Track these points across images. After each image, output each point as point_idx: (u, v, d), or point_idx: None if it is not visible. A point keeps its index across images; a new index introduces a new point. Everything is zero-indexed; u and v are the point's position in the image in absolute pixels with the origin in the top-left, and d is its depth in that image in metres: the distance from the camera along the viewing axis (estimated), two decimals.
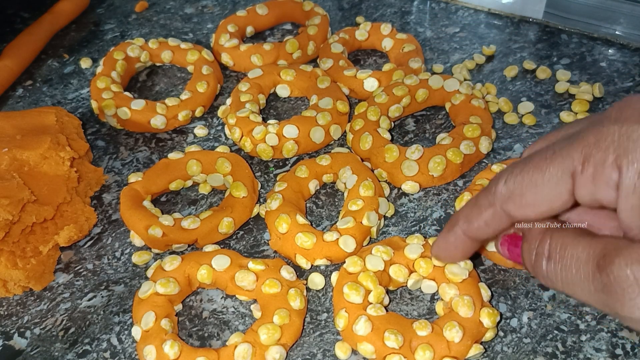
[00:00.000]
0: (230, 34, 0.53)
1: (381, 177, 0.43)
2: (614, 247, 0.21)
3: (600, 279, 0.21)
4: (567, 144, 0.22)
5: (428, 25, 0.57)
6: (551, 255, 0.24)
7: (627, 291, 0.20)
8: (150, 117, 0.47)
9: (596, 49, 0.52)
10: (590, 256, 0.22)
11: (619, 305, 0.21)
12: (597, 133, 0.21)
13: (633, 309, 0.20)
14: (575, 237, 0.23)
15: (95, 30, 0.61)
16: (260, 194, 0.43)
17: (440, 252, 0.30)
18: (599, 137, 0.21)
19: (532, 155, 0.24)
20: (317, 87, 0.47)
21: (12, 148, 0.40)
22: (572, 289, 0.23)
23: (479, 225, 0.26)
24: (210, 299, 0.38)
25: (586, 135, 0.22)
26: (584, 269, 0.22)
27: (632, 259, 0.20)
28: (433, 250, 0.31)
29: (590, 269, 0.22)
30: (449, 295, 0.34)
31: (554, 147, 0.23)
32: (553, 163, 0.22)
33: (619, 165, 0.21)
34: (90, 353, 0.35)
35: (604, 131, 0.21)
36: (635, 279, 0.20)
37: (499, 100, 0.48)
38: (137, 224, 0.39)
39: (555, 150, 0.23)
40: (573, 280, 0.23)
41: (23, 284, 0.38)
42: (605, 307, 0.22)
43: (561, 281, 0.23)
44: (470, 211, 0.27)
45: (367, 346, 0.32)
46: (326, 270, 0.38)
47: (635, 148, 0.20)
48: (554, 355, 0.33)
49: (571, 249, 0.23)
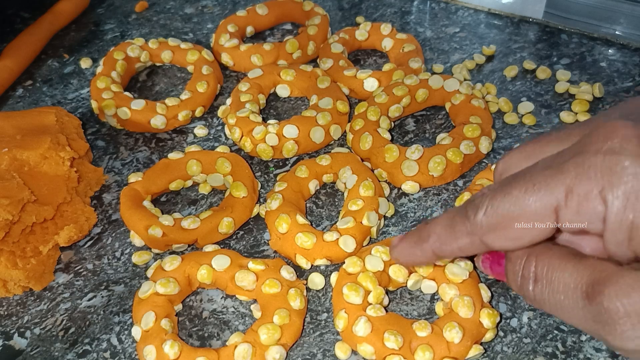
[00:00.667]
0: (230, 34, 0.53)
1: (381, 177, 0.43)
2: (603, 274, 0.21)
3: (590, 309, 0.21)
4: (549, 175, 0.21)
5: (428, 25, 0.57)
6: (538, 279, 0.23)
7: (618, 323, 0.20)
8: (150, 117, 0.47)
9: (596, 49, 0.52)
10: (578, 283, 0.22)
11: (611, 337, 0.21)
12: (579, 165, 0.21)
13: (626, 342, 0.20)
14: (561, 260, 0.23)
15: (95, 30, 0.61)
16: (260, 194, 0.43)
17: (401, 258, 0.29)
18: (580, 170, 0.21)
19: (511, 183, 0.23)
20: (317, 87, 0.47)
21: (12, 148, 0.40)
22: (562, 314, 0.22)
23: (452, 249, 0.26)
24: (210, 299, 0.38)
25: (568, 167, 0.21)
26: (573, 296, 0.22)
27: (621, 291, 0.20)
28: (394, 253, 0.29)
29: (579, 297, 0.21)
30: (449, 295, 0.34)
31: (533, 178, 0.22)
32: (535, 196, 0.22)
33: (603, 197, 0.20)
34: (90, 353, 0.35)
35: (587, 163, 0.21)
36: (626, 312, 0.20)
37: (499, 100, 0.48)
38: (137, 224, 0.39)
39: (536, 182, 0.22)
40: (562, 306, 0.22)
41: (23, 284, 0.38)
42: (596, 335, 0.21)
43: (549, 305, 0.23)
44: (445, 233, 0.25)
45: (367, 347, 0.32)
46: (326, 270, 0.38)
47: (620, 181, 0.20)
48: (554, 355, 0.33)
49: (558, 274, 0.22)
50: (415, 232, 0.28)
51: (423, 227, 0.27)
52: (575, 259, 0.22)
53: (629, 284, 0.20)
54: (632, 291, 0.20)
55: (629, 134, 0.20)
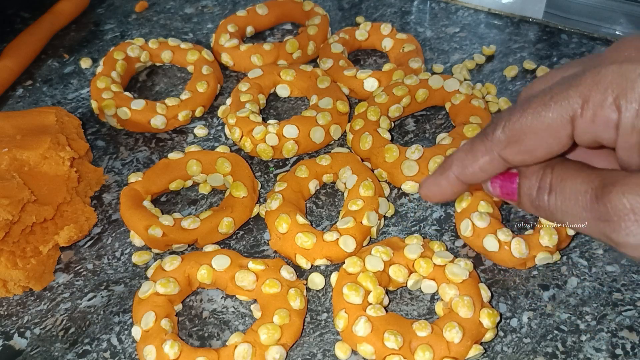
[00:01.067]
0: (230, 34, 0.53)
1: (381, 177, 0.43)
2: (612, 178, 0.22)
3: (598, 208, 0.22)
4: (565, 87, 0.22)
5: (428, 25, 0.57)
6: (552, 189, 0.24)
7: (622, 219, 0.21)
8: (150, 117, 0.47)
9: (596, 49, 0.52)
10: (589, 187, 0.23)
11: (614, 233, 0.21)
12: (594, 75, 0.21)
13: (628, 237, 0.21)
14: (575, 170, 0.23)
15: (95, 30, 0.61)
16: (260, 194, 0.43)
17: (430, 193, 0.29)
18: (597, 79, 0.21)
19: (530, 100, 0.23)
20: (317, 87, 0.47)
21: (12, 148, 0.40)
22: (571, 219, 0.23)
23: (474, 170, 0.26)
24: (210, 299, 0.38)
25: (584, 78, 0.22)
26: (583, 200, 0.23)
27: (628, 188, 0.21)
28: (422, 190, 0.29)
29: (589, 199, 0.22)
30: (449, 295, 0.34)
31: (551, 91, 0.23)
32: (552, 108, 0.22)
33: (617, 105, 0.21)
34: (90, 353, 0.35)
35: (602, 72, 0.21)
36: (631, 207, 0.21)
37: (499, 100, 0.48)
38: (137, 224, 0.39)
39: (553, 94, 0.22)
40: (572, 211, 0.23)
41: (23, 284, 0.38)
42: (601, 235, 0.22)
43: (561, 212, 0.24)
44: (465, 156, 0.26)
45: (367, 347, 0.32)
46: (326, 270, 0.38)
47: (633, 87, 0.20)
48: (554, 355, 0.33)
49: (571, 181, 0.23)
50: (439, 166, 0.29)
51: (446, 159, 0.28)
52: (588, 169, 0.23)
53: (636, 183, 0.21)
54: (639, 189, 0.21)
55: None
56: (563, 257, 0.38)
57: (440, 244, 0.36)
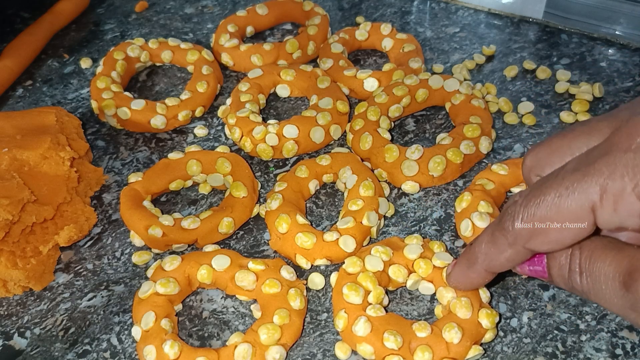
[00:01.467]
0: (230, 34, 0.53)
1: (381, 177, 0.43)
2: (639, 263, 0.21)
3: (628, 297, 0.21)
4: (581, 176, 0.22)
5: (428, 25, 0.57)
6: (582, 270, 0.24)
7: None
8: (150, 117, 0.47)
9: (596, 49, 0.52)
10: (616, 272, 0.22)
11: None
12: (610, 164, 0.21)
13: None
14: (603, 251, 0.23)
15: (95, 30, 0.61)
16: (260, 194, 0.43)
17: (460, 285, 0.31)
18: (613, 169, 0.21)
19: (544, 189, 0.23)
20: (317, 87, 0.47)
21: (12, 148, 0.40)
22: (604, 303, 0.23)
23: (501, 263, 0.26)
24: (210, 299, 0.38)
25: (600, 166, 0.21)
26: (612, 285, 0.22)
27: None
28: (451, 281, 0.31)
29: (618, 286, 0.22)
30: (446, 298, 0.34)
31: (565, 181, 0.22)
32: (570, 198, 0.22)
33: (637, 194, 0.21)
34: (90, 353, 0.35)
35: (618, 161, 0.21)
36: None
37: (499, 100, 0.48)
38: (137, 224, 0.39)
39: (569, 184, 0.22)
40: (605, 296, 0.23)
41: (23, 284, 0.38)
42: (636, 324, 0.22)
43: (593, 295, 0.23)
44: (489, 250, 0.26)
45: (367, 347, 0.32)
46: (326, 270, 0.38)
47: None
48: (554, 355, 0.33)
49: (599, 264, 0.23)
50: (463, 257, 0.29)
51: (469, 250, 0.28)
52: (615, 249, 0.23)
53: None
54: None
55: None
56: None
57: (440, 244, 0.36)
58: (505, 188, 0.40)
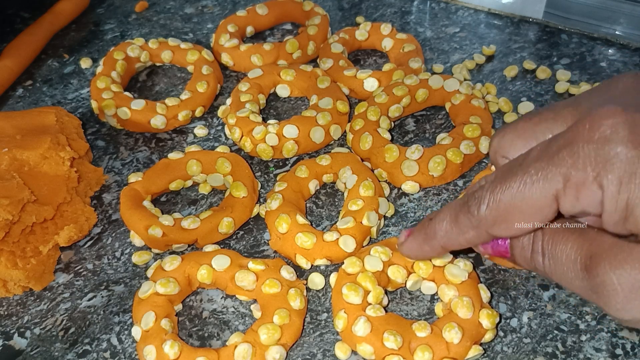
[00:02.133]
0: (230, 34, 0.53)
1: (381, 177, 0.43)
2: (600, 247, 0.22)
3: (588, 280, 0.22)
4: (545, 165, 0.22)
5: (428, 25, 0.57)
6: (544, 252, 0.24)
7: (612, 295, 0.21)
8: (150, 117, 0.47)
9: (596, 49, 0.52)
10: (578, 254, 0.23)
11: (607, 307, 0.22)
12: (574, 154, 0.22)
13: (620, 312, 0.21)
14: (565, 233, 0.24)
15: (95, 30, 0.61)
16: (260, 194, 0.43)
17: (411, 254, 0.30)
18: (575, 159, 0.22)
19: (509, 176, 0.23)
20: (317, 87, 0.47)
21: (12, 148, 0.40)
22: (566, 285, 0.24)
23: (460, 242, 0.27)
24: (210, 299, 0.38)
25: (563, 156, 0.22)
26: (573, 268, 0.23)
27: (616, 263, 0.21)
28: (403, 249, 0.30)
29: (579, 269, 0.22)
30: (448, 296, 0.34)
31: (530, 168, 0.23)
32: (534, 187, 0.23)
33: (599, 183, 0.21)
34: (90, 353, 0.35)
35: (581, 152, 0.22)
36: (620, 284, 0.21)
37: (499, 100, 0.48)
38: (137, 224, 0.39)
39: (533, 173, 0.23)
40: (565, 277, 0.23)
41: (23, 284, 0.38)
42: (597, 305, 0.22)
43: (556, 276, 0.24)
44: (451, 229, 0.27)
45: (366, 347, 0.32)
46: (326, 270, 0.38)
47: (613, 166, 0.21)
48: (554, 355, 0.33)
49: (562, 246, 0.23)
50: (421, 230, 0.29)
51: (428, 225, 0.28)
52: (576, 233, 0.23)
53: (622, 258, 0.21)
54: (625, 264, 0.21)
55: (618, 120, 0.21)
56: None
57: None
58: None
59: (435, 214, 0.28)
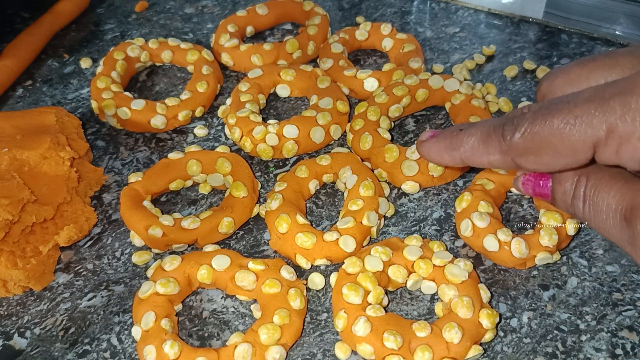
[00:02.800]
0: (230, 34, 0.53)
1: (381, 177, 0.43)
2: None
3: (627, 231, 0.21)
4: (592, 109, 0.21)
5: (428, 25, 0.57)
6: (586, 199, 0.24)
7: None
8: (150, 117, 0.47)
9: (596, 49, 0.52)
10: (619, 204, 0.22)
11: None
12: (625, 104, 0.20)
13: None
14: (609, 181, 0.23)
15: (95, 30, 0.61)
16: (260, 194, 0.43)
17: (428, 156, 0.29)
18: (626, 110, 0.20)
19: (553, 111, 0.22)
20: (317, 87, 0.47)
21: (12, 148, 0.40)
22: (603, 233, 0.23)
23: (482, 162, 0.26)
24: (210, 299, 0.38)
25: (614, 104, 0.20)
26: (613, 217, 0.22)
27: None
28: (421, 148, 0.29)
29: (619, 218, 0.22)
30: (448, 296, 0.34)
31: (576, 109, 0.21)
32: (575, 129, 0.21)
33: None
34: (90, 353, 0.35)
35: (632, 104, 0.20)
36: None
37: (499, 100, 0.48)
38: (137, 224, 0.39)
39: (578, 114, 0.21)
40: (603, 226, 0.23)
41: (23, 284, 0.38)
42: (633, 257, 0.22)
43: (595, 224, 0.23)
44: (477, 146, 0.26)
45: (366, 347, 0.32)
46: (326, 270, 0.38)
47: None
48: (554, 355, 0.33)
49: (604, 194, 0.23)
50: (447, 137, 0.27)
51: (456, 134, 0.27)
52: (621, 181, 0.23)
53: None
54: None
55: None
56: (563, 257, 0.38)
57: (440, 244, 0.36)
58: (505, 188, 0.40)
59: (466, 125, 0.27)
